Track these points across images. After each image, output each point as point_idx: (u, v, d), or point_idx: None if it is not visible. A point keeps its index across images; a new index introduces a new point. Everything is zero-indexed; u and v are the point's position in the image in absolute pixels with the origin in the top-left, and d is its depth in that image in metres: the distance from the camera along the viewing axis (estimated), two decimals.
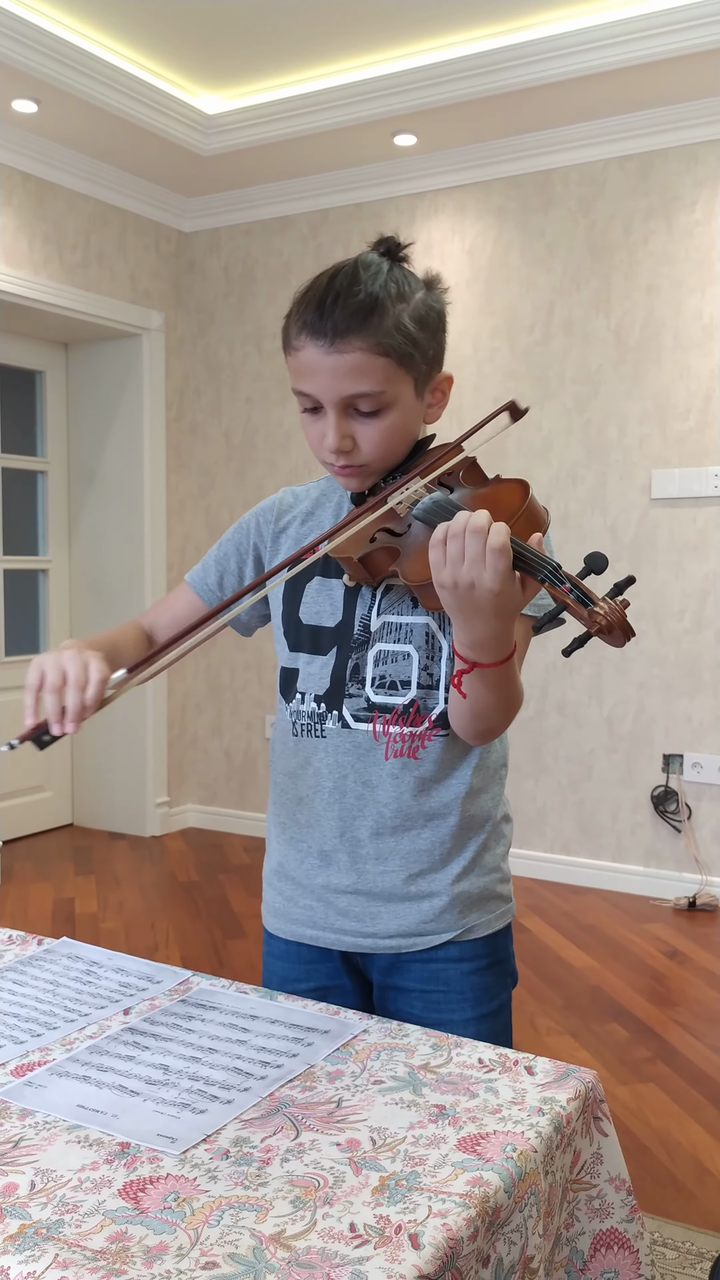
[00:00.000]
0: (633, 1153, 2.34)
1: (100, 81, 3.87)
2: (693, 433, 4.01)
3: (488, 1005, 1.32)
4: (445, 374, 1.28)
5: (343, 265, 1.21)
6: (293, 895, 1.36)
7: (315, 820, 1.32)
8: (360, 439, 1.22)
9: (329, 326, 1.17)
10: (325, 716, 1.30)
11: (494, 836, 1.34)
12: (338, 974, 1.35)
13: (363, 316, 1.16)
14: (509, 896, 1.37)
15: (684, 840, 4.08)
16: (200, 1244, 0.80)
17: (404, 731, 1.26)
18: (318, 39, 3.77)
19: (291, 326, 1.22)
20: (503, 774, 1.36)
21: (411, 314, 1.19)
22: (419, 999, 1.30)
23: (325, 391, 1.20)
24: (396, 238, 1.24)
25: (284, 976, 1.38)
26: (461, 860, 1.30)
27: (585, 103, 3.90)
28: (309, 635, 1.32)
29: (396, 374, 1.19)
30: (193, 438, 5.10)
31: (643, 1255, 1.06)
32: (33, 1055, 1.11)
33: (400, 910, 1.29)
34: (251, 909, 3.98)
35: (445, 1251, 0.81)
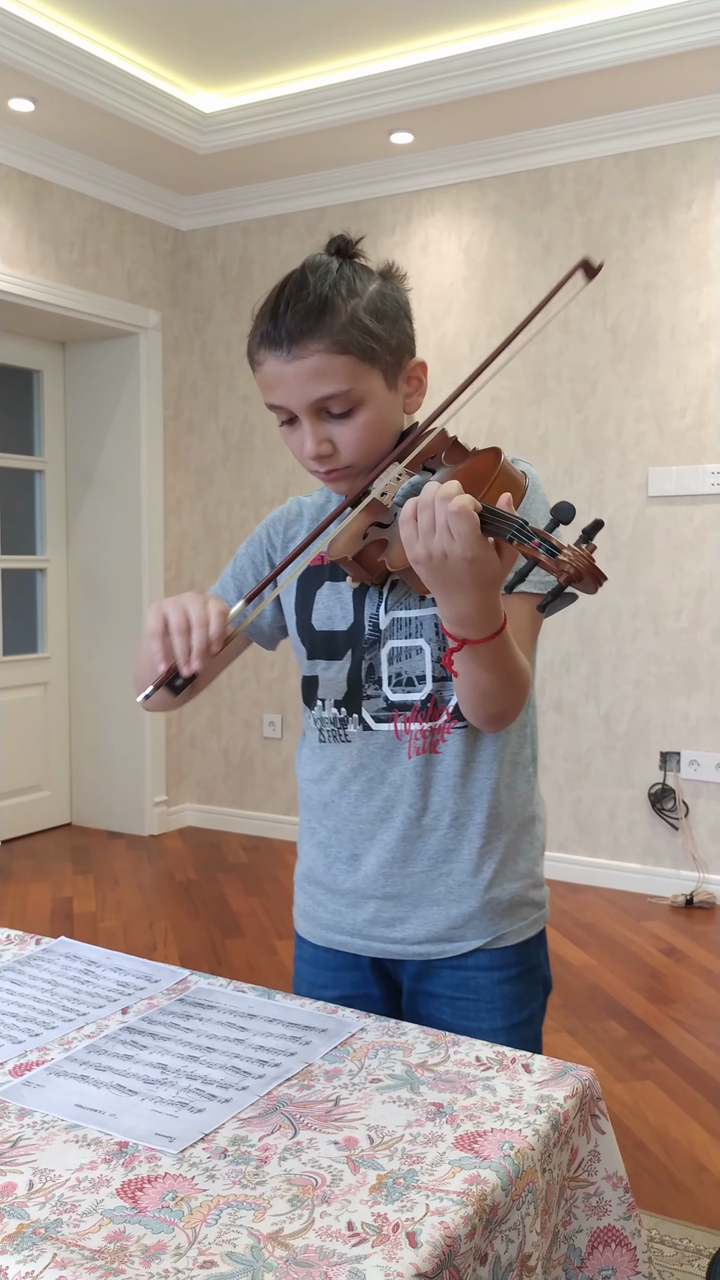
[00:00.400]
0: (630, 1150, 2.35)
1: (97, 80, 3.87)
2: (690, 430, 4.01)
3: (518, 1015, 1.29)
4: (417, 360, 1.27)
5: (292, 273, 1.21)
6: (322, 900, 1.35)
7: (343, 824, 1.31)
8: (338, 441, 1.21)
9: (283, 334, 1.17)
10: (347, 721, 1.29)
11: (525, 838, 1.32)
12: (366, 982, 1.34)
13: (314, 318, 1.16)
14: (542, 902, 1.35)
15: (681, 838, 4.09)
16: (198, 1243, 0.80)
17: (423, 727, 1.25)
18: (314, 37, 3.77)
19: (251, 342, 1.22)
20: (531, 771, 1.33)
21: (366, 307, 1.18)
22: (449, 1005, 1.29)
23: (293, 400, 1.19)
24: (347, 235, 1.24)
25: (313, 982, 1.37)
26: (492, 864, 1.28)
27: (582, 100, 3.90)
28: (323, 641, 1.31)
29: (360, 369, 1.18)
30: (190, 436, 5.10)
31: (640, 1252, 1.06)
32: (31, 1055, 1.11)
33: (429, 915, 1.28)
34: (249, 908, 3.99)
35: (443, 1250, 0.81)
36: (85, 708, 5.14)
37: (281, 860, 4.60)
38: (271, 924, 3.81)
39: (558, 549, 0.97)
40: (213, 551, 5.07)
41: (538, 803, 1.35)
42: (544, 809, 1.38)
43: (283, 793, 4.96)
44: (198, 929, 3.77)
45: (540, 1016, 1.34)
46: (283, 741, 4.94)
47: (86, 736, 5.14)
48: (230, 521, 5.02)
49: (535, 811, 1.34)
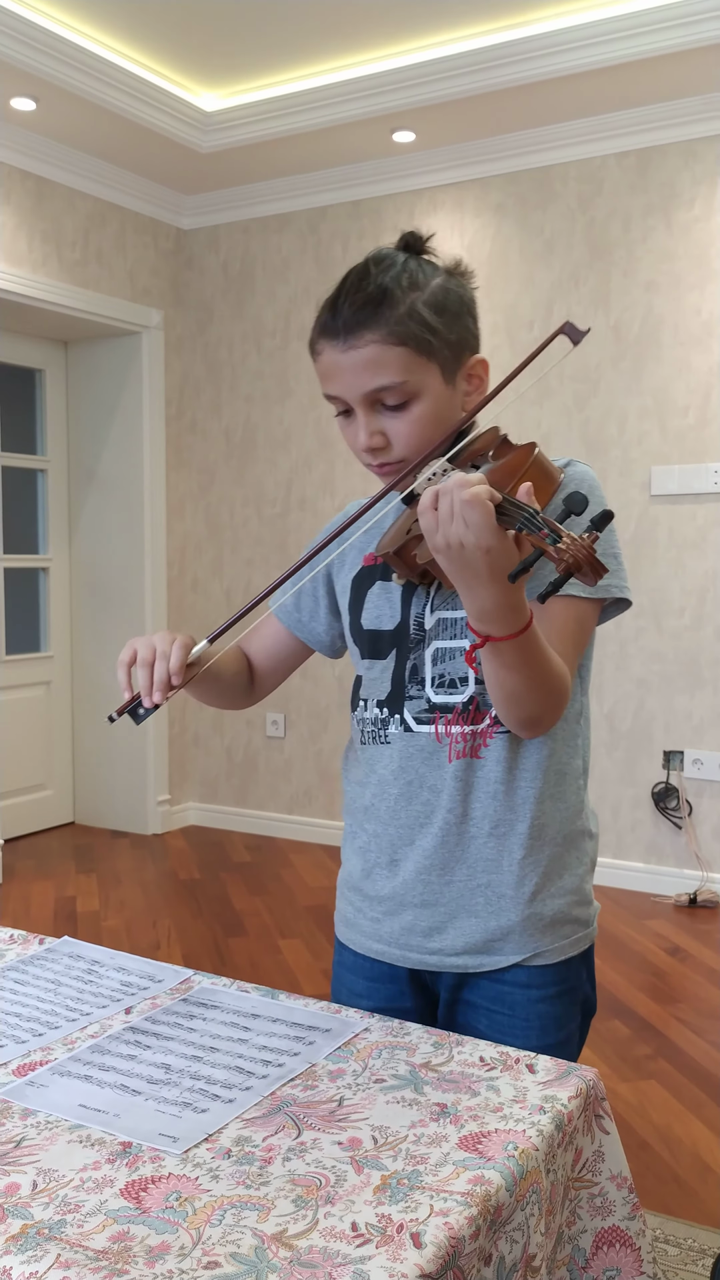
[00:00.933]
0: (634, 1150, 2.35)
1: (99, 79, 3.87)
2: (692, 429, 4.00)
3: (554, 1035, 1.25)
4: (479, 358, 1.24)
5: (357, 265, 1.21)
6: (361, 906, 1.33)
7: (382, 829, 1.29)
8: (392, 434, 1.19)
9: (340, 324, 1.16)
10: (388, 721, 1.28)
11: (572, 852, 1.28)
12: (402, 995, 1.31)
13: (372, 309, 1.15)
14: (588, 921, 1.30)
15: (685, 837, 4.08)
16: (202, 1243, 0.80)
17: (465, 730, 1.23)
18: (316, 36, 3.77)
19: (313, 332, 1.22)
20: (581, 783, 1.30)
21: (427, 300, 1.17)
22: (485, 1017, 1.26)
23: (348, 390, 1.18)
24: (418, 231, 1.23)
25: (351, 989, 1.35)
26: (534, 877, 1.24)
27: (584, 99, 3.90)
28: (370, 641, 1.30)
29: (417, 362, 1.17)
30: (192, 435, 5.10)
31: (644, 1252, 1.06)
32: (34, 1055, 1.11)
33: (467, 926, 1.25)
34: (253, 907, 3.98)
35: (447, 1250, 0.81)
36: (88, 707, 5.14)
37: (285, 859, 4.60)
38: (275, 923, 3.81)
39: (559, 537, 0.96)
40: (215, 550, 5.07)
41: (589, 817, 1.31)
42: (597, 824, 1.34)
43: (285, 792, 4.96)
44: (201, 928, 3.77)
45: (579, 1039, 1.31)
46: (285, 740, 4.94)
47: (89, 735, 5.14)
48: (233, 521, 5.02)
49: (586, 826, 1.30)
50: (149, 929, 3.76)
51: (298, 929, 3.75)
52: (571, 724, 1.27)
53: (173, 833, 5.04)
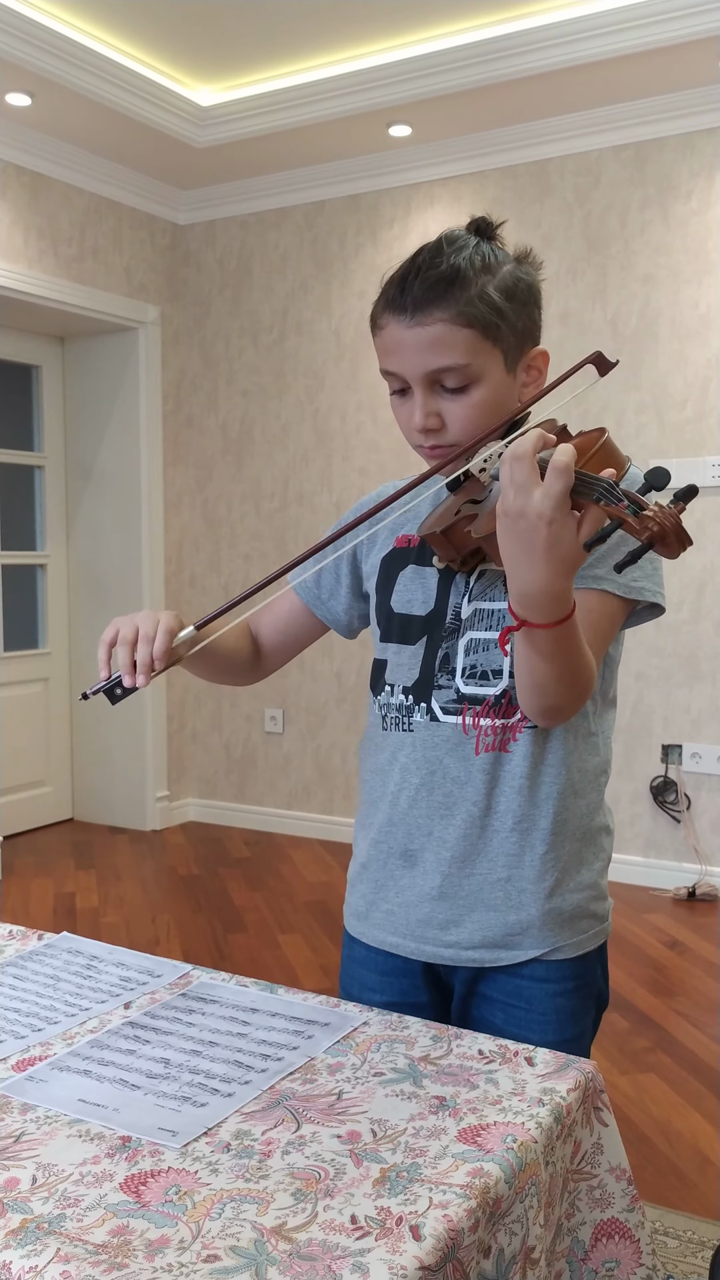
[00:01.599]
0: (634, 1142, 2.35)
1: (94, 74, 3.86)
2: (690, 423, 4.00)
3: (570, 1030, 1.25)
4: (540, 350, 1.23)
5: (429, 243, 1.19)
6: (375, 898, 1.31)
7: (400, 819, 1.27)
8: (448, 417, 1.17)
9: (409, 300, 1.14)
10: (413, 709, 1.25)
11: (591, 848, 1.27)
12: (416, 989, 1.30)
13: (444, 288, 1.13)
14: (604, 915, 1.30)
15: (683, 830, 4.09)
16: (201, 1237, 0.80)
17: (495, 724, 1.21)
18: (311, 30, 3.76)
19: (377, 306, 1.19)
20: (602, 781, 1.29)
21: (497, 285, 1.16)
22: (501, 1010, 1.25)
23: (409, 367, 1.16)
24: (489, 217, 1.21)
25: (362, 983, 1.33)
26: (554, 872, 1.23)
27: (580, 92, 3.89)
28: (399, 624, 1.28)
29: (482, 346, 1.15)
30: (189, 431, 5.10)
31: (644, 1244, 1.06)
32: (34, 1050, 1.11)
33: (486, 920, 1.24)
34: (252, 903, 3.99)
35: (446, 1243, 0.81)
36: (86, 703, 5.14)
37: (284, 855, 4.60)
38: (274, 918, 3.82)
39: (644, 507, 0.93)
40: (212, 546, 5.07)
41: (607, 813, 1.31)
42: (614, 820, 1.34)
43: (284, 787, 4.96)
44: (200, 924, 3.77)
45: (592, 1033, 1.30)
46: (284, 736, 4.94)
47: (88, 732, 5.14)
48: (230, 516, 5.02)
49: (604, 822, 1.30)
50: (148, 925, 3.76)
51: (297, 924, 3.75)
52: (595, 720, 1.26)
53: (171, 829, 5.04)
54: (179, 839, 4.88)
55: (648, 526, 0.92)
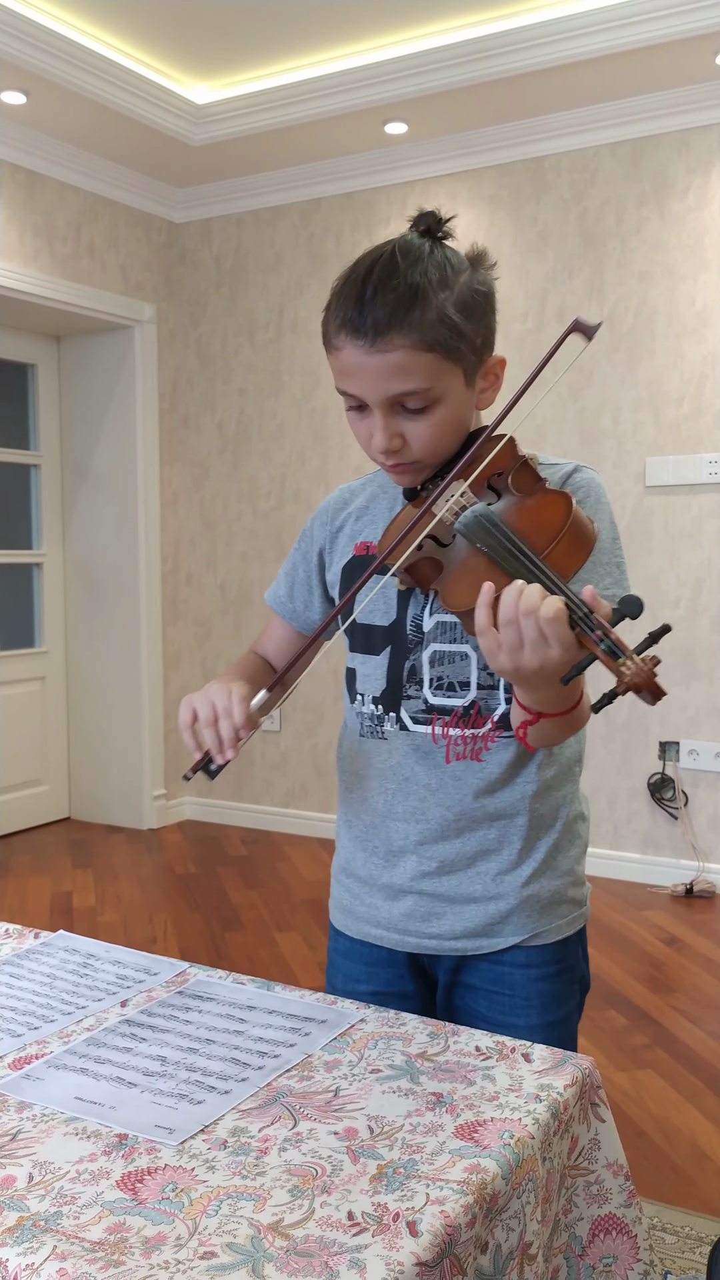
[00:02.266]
0: (631, 1139, 2.35)
1: (89, 72, 3.85)
2: (686, 420, 4.00)
3: (554, 1013, 1.27)
4: (497, 357, 1.22)
5: (381, 252, 1.13)
6: (359, 893, 1.34)
7: (380, 821, 1.30)
8: (410, 437, 1.16)
9: (369, 323, 1.10)
10: (383, 719, 1.27)
11: (567, 836, 1.29)
12: (401, 979, 1.32)
13: (404, 311, 1.09)
14: (582, 900, 1.32)
15: (681, 827, 4.09)
16: (198, 1234, 0.80)
17: (465, 734, 1.23)
18: (307, 27, 3.76)
19: (331, 322, 1.15)
20: (576, 770, 1.31)
21: (456, 302, 1.12)
22: (485, 998, 1.28)
23: (370, 392, 1.14)
24: (437, 213, 1.16)
25: (348, 975, 1.36)
26: (532, 862, 1.26)
27: (576, 89, 3.89)
28: (363, 635, 1.29)
29: (443, 368, 1.13)
30: (186, 430, 5.09)
31: (641, 1240, 1.06)
32: (30, 1048, 1.11)
33: (467, 912, 1.26)
34: (249, 901, 3.99)
35: (443, 1239, 0.81)
36: (83, 702, 5.13)
37: (281, 853, 4.60)
38: (271, 916, 3.82)
39: (620, 652, 0.94)
40: (209, 545, 5.07)
41: (582, 801, 1.33)
42: (589, 807, 1.36)
43: (281, 786, 4.96)
44: (197, 922, 3.77)
45: (577, 1016, 1.32)
46: (281, 734, 4.94)
47: (84, 730, 5.14)
48: (227, 515, 5.01)
49: (580, 810, 1.32)
50: (145, 923, 3.76)
51: (294, 922, 3.75)
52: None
53: (169, 827, 5.04)
54: (176, 837, 4.88)
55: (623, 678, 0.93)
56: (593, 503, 1.21)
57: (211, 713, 1.16)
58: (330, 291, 1.17)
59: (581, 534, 1.05)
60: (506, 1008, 1.26)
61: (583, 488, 1.21)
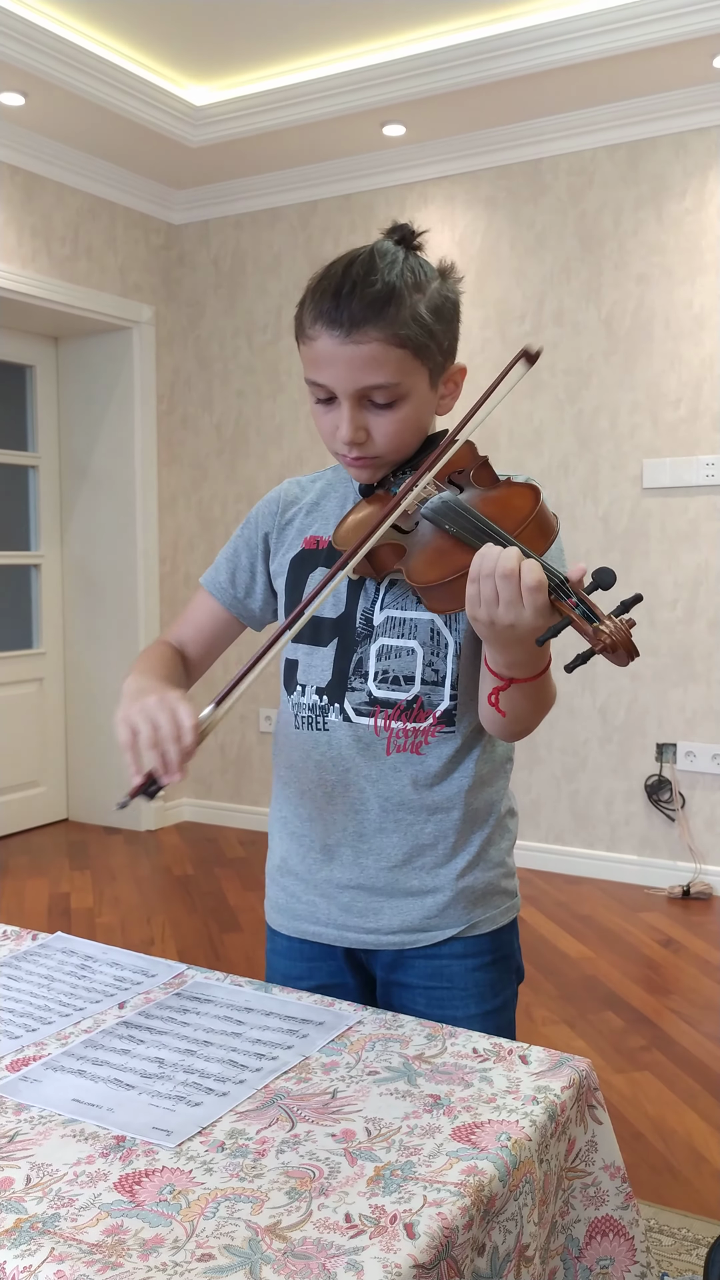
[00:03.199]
0: (628, 1140, 2.35)
1: (87, 74, 3.86)
2: (684, 422, 4.01)
3: (492, 1001, 1.30)
4: (459, 365, 1.26)
5: (358, 253, 1.19)
6: (296, 891, 1.36)
7: (317, 814, 1.32)
8: (374, 431, 1.20)
9: (345, 316, 1.15)
10: (327, 709, 1.29)
11: (498, 830, 1.33)
12: (340, 971, 1.34)
13: (379, 306, 1.14)
14: (514, 892, 1.36)
15: (678, 829, 4.09)
16: (196, 1236, 0.80)
17: (406, 727, 1.25)
18: (305, 29, 3.76)
19: (306, 315, 1.19)
20: (508, 767, 1.35)
21: (428, 304, 1.18)
22: (423, 995, 1.30)
23: (340, 383, 1.18)
24: (411, 225, 1.22)
25: (286, 974, 1.37)
26: (466, 854, 1.29)
27: (574, 92, 3.89)
28: (310, 626, 1.29)
29: (412, 365, 1.18)
30: (184, 431, 5.09)
31: (638, 1242, 1.06)
32: (28, 1050, 1.11)
33: (403, 905, 1.29)
34: (247, 902, 3.99)
35: (440, 1241, 0.81)
36: (81, 703, 5.13)
37: None
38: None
39: (596, 616, 0.98)
40: (207, 546, 5.07)
41: (511, 797, 1.38)
42: (517, 802, 1.40)
43: None
44: (195, 924, 3.77)
45: (513, 1004, 1.36)
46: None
47: (82, 732, 5.14)
48: (224, 516, 5.01)
49: (510, 805, 1.37)
50: (143, 925, 3.76)
51: None
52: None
53: (166, 829, 5.04)
54: (174, 839, 4.87)
55: (600, 638, 0.97)
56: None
57: (153, 733, 1.10)
58: (305, 289, 1.22)
59: (546, 523, 1.10)
60: (444, 1001, 1.29)
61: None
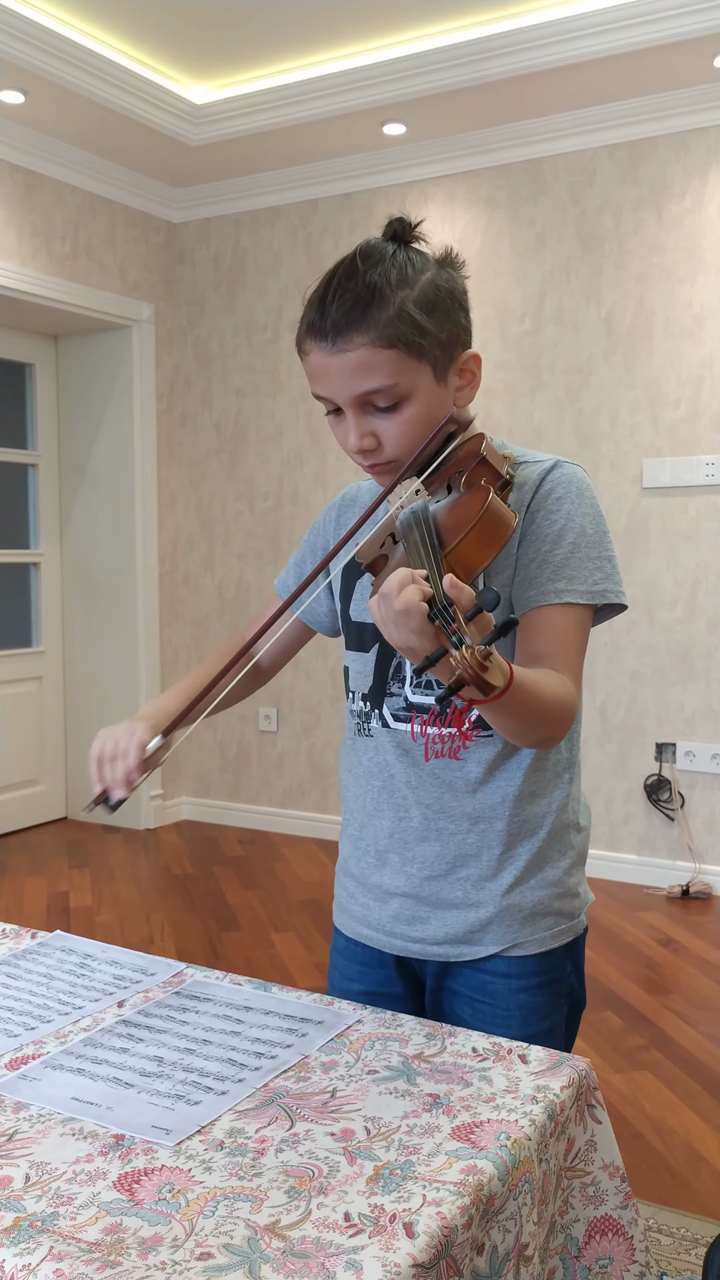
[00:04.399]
0: (627, 1140, 2.35)
1: (88, 72, 3.85)
2: (684, 422, 4.01)
3: (537, 1026, 1.25)
4: (471, 353, 1.21)
5: (345, 258, 1.16)
6: (354, 892, 1.35)
7: (369, 819, 1.31)
8: (382, 435, 1.17)
9: (329, 324, 1.12)
10: (370, 715, 1.29)
11: (554, 845, 1.26)
12: (391, 980, 1.33)
13: (360, 310, 1.11)
14: (573, 914, 1.29)
15: (677, 829, 4.09)
16: (195, 1235, 0.80)
17: (443, 732, 1.23)
18: (306, 28, 3.76)
19: (300, 329, 1.18)
20: (566, 778, 1.28)
21: (417, 299, 1.13)
22: (469, 1005, 1.27)
23: (337, 393, 1.15)
24: (407, 218, 1.18)
25: (344, 974, 1.37)
26: (513, 870, 1.24)
27: (574, 91, 3.89)
28: (355, 632, 1.30)
29: (407, 364, 1.13)
30: (183, 430, 5.09)
31: (637, 1241, 1.06)
32: (27, 1048, 1.10)
33: (448, 917, 1.26)
34: (246, 901, 3.99)
35: (440, 1240, 0.81)
36: (80, 701, 5.13)
37: (278, 854, 4.60)
38: (268, 917, 3.81)
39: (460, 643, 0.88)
40: (207, 545, 5.06)
41: (577, 810, 1.30)
42: (588, 817, 1.33)
43: (278, 786, 4.96)
44: (194, 922, 3.77)
45: (565, 1032, 1.30)
46: (278, 735, 4.94)
47: (82, 730, 5.14)
48: (224, 515, 5.01)
49: (573, 819, 1.29)
50: (142, 924, 3.76)
51: (291, 923, 3.75)
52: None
53: (166, 827, 5.04)
54: (173, 837, 4.87)
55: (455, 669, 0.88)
56: (573, 497, 1.19)
57: (112, 750, 1.23)
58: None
59: (493, 527, 1.04)
60: (487, 1017, 1.25)
61: (560, 484, 1.19)
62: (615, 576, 1.20)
